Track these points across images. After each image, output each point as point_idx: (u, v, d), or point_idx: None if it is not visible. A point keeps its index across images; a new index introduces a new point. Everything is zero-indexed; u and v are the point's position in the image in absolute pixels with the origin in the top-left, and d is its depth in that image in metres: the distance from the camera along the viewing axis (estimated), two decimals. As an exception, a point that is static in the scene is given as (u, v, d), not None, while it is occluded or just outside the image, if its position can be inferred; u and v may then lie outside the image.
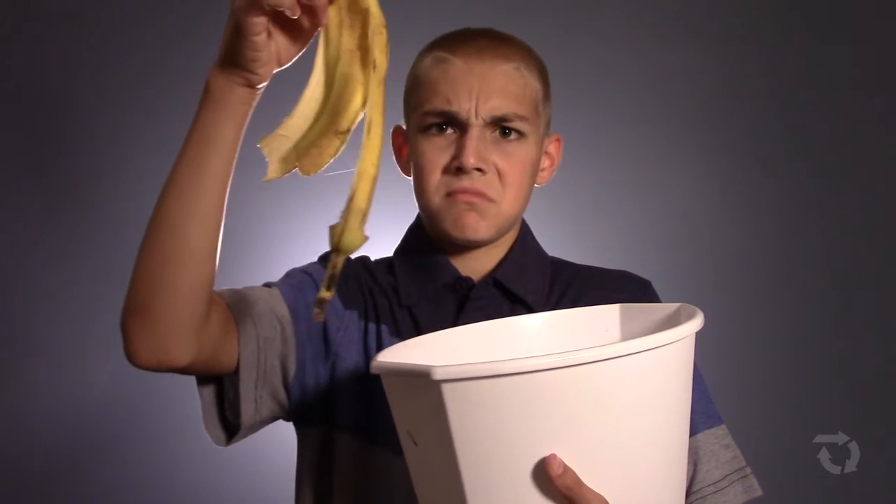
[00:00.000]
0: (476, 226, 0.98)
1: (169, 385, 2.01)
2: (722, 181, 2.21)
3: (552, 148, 1.08)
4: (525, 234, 1.08)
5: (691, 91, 2.19)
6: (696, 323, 0.77)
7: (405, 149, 1.05)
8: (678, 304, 0.91)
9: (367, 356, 1.01)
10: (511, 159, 0.98)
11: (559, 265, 1.10)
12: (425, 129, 0.98)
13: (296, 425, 1.06)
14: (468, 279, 1.03)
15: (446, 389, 0.69)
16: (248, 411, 0.95)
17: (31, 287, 2.00)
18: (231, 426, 0.98)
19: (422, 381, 0.70)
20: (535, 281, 1.05)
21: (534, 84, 1.00)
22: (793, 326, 2.20)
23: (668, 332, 0.74)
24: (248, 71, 0.79)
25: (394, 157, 1.07)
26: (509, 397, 0.69)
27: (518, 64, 0.99)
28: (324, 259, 1.08)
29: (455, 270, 1.03)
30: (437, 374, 0.68)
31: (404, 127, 1.05)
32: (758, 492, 1.02)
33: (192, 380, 1.00)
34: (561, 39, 2.10)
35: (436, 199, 0.98)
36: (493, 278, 1.03)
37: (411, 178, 1.04)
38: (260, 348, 0.95)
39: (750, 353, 2.17)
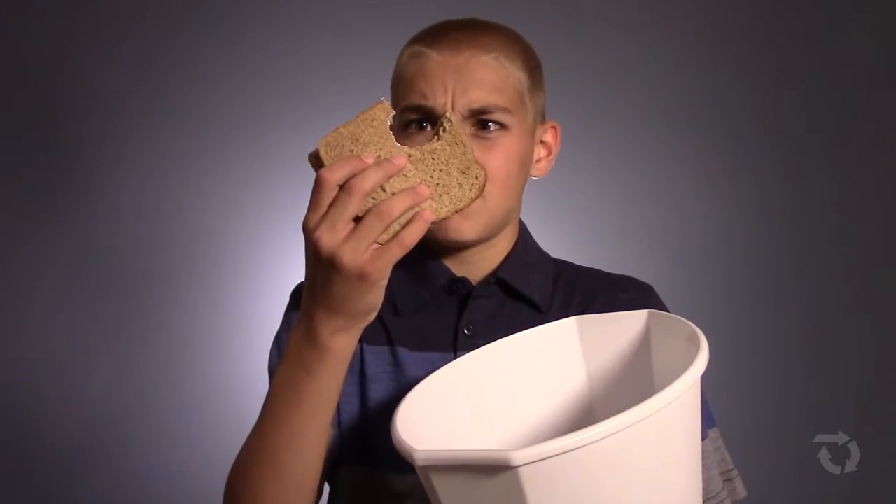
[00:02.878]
0: (459, 227, 0.94)
1: (166, 388, 2.02)
2: (726, 182, 2.20)
3: (548, 137, 1.04)
4: (525, 233, 1.05)
5: (700, 91, 2.19)
6: (704, 356, 0.74)
7: None
8: (644, 312, 0.89)
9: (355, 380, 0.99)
10: (493, 153, 0.94)
11: (560, 265, 1.07)
12: (405, 127, 0.95)
13: None
14: (465, 280, 1.00)
15: (525, 473, 0.65)
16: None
17: (29, 288, 2.00)
18: None
19: (493, 470, 0.66)
20: (540, 280, 1.02)
21: (516, 74, 0.96)
22: (793, 326, 2.19)
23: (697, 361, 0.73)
24: (367, 319, 0.80)
25: None
26: (587, 466, 0.67)
27: (498, 54, 0.95)
28: (293, 295, 1.05)
29: (449, 272, 1.00)
30: (518, 460, 0.64)
31: None
32: (741, 494, 1.00)
33: (191, 384, 1.00)
34: (567, 38, 2.09)
35: None
36: (497, 277, 1.00)
37: None
38: None
39: (750, 353, 2.16)
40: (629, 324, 0.89)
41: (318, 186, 0.76)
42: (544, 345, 0.92)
